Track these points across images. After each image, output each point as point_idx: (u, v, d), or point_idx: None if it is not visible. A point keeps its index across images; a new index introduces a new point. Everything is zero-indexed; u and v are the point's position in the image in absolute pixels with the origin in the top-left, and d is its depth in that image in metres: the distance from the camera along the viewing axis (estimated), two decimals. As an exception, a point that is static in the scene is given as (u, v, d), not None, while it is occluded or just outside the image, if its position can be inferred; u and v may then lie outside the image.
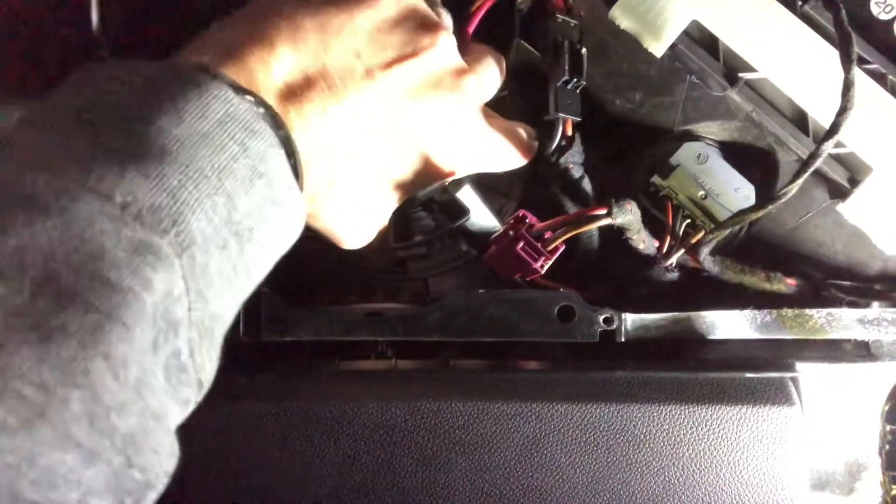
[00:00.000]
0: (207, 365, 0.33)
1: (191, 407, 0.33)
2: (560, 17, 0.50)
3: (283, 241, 0.38)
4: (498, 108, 0.53)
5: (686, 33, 0.52)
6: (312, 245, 0.54)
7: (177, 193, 0.31)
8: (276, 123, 0.37)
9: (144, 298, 0.29)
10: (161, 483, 0.31)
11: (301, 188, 0.38)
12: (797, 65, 0.51)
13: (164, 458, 0.31)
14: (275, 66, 0.38)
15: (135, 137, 0.31)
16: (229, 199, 0.33)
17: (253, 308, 0.47)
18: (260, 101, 0.36)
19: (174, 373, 0.31)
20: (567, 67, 0.50)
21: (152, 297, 0.29)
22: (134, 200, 0.30)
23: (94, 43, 0.48)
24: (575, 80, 0.50)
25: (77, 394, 0.26)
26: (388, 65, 0.42)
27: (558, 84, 0.50)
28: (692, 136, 0.54)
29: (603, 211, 0.47)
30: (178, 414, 0.32)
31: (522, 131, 0.51)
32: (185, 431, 0.44)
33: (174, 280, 0.30)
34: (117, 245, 0.29)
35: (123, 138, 0.31)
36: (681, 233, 0.51)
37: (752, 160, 0.54)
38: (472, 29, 0.50)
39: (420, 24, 0.43)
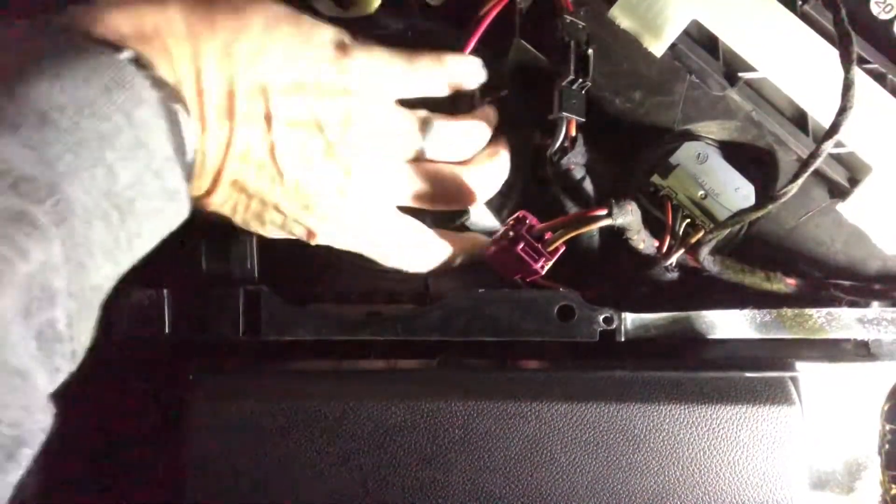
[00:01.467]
0: (84, 336, 0.34)
1: (62, 376, 0.33)
2: (568, 17, 0.50)
3: (167, 215, 0.37)
4: (497, 108, 0.53)
5: (686, 33, 0.52)
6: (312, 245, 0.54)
7: (54, 163, 0.30)
8: (169, 96, 0.36)
9: (18, 266, 0.29)
10: (36, 439, 0.31)
11: (192, 171, 0.38)
12: (797, 64, 0.51)
13: (34, 415, 0.31)
14: (192, 68, 0.38)
15: (13, 103, 0.31)
16: (110, 171, 0.32)
17: (253, 308, 0.47)
18: (157, 77, 0.35)
19: (48, 341, 0.31)
20: (573, 67, 0.50)
21: (28, 265, 0.29)
22: (9, 169, 0.29)
23: None
24: (580, 80, 0.50)
25: None
26: (287, 123, 0.41)
27: (563, 84, 0.50)
28: (692, 136, 0.54)
29: (603, 212, 0.47)
30: (48, 382, 0.32)
31: (445, 246, 0.50)
32: (186, 431, 0.45)
33: (51, 250, 0.30)
34: None
35: (3, 102, 0.31)
36: (681, 232, 0.51)
37: (752, 160, 0.54)
38: (479, 34, 0.50)
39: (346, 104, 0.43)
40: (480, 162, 0.50)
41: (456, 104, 0.50)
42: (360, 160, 0.44)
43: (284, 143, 0.41)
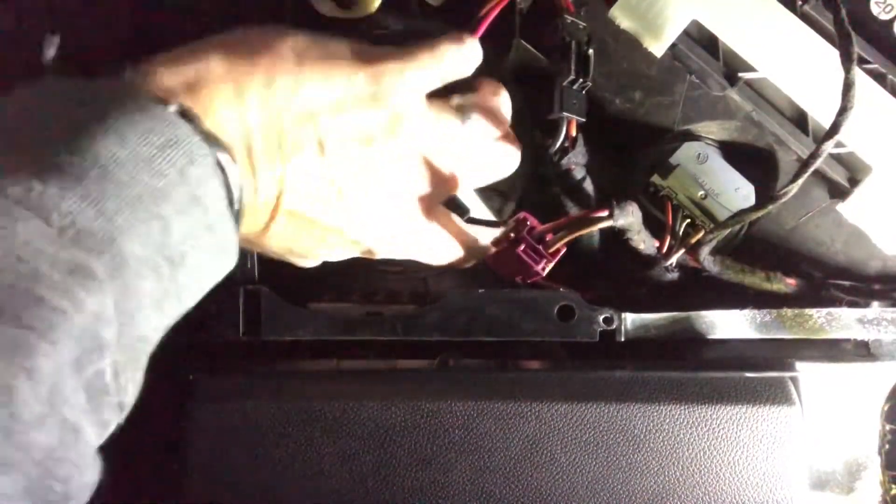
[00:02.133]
0: (130, 387, 0.34)
1: (110, 429, 0.33)
2: (569, 17, 0.50)
3: (216, 267, 0.38)
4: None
5: (686, 33, 0.52)
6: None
7: (113, 217, 0.31)
8: (218, 149, 0.36)
9: (73, 318, 0.29)
10: (83, 495, 0.31)
11: (240, 217, 0.39)
12: (797, 65, 0.51)
13: (84, 472, 0.31)
14: (238, 110, 0.39)
15: (77, 156, 0.31)
16: (165, 225, 0.33)
17: (253, 308, 0.47)
18: (205, 131, 0.36)
19: (96, 394, 0.31)
20: (574, 67, 0.50)
21: (82, 317, 0.29)
22: (72, 223, 0.30)
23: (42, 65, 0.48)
24: (581, 80, 0.50)
25: None
26: (344, 143, 0.42)
27: (564, 84, 0.50)
28: (692, 136, 0.54)
29: (604, 213, 0.47)
30: (97, 436, 0.32)
31: (479, 236, 0.50)
32: (186, 431, 0.45)
33: (104, 302, 0.31)
34: (53, 266, 0.29)
35: (64, 155, 0.31)
36: (681, 233, 0.51)
37: (752, 160, 0.54)
38: (479, 34, 0.50)
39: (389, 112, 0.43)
40: (509, 134, 0.50)
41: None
42: (412, 162, 0.45)
43: (342, 161, 0.42)
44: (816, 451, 0.48)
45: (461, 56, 0.47)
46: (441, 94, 0.47)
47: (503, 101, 0.49)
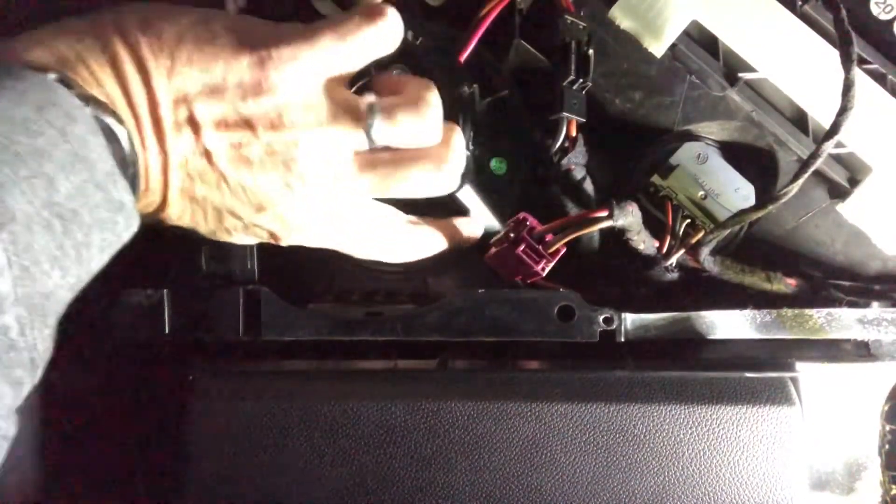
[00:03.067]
0: (39, 343, 0.34)
1: (25, 388, 0.34)
2: (569, 18, 0.50)
3: (116, 226, 0.38)
4: (497, 108, 0.53)
5: (686, 33, 0.52)
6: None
7: None
8: (100, 111, 0.37)
9: None
10: (1, 448, 0.32)
11: (136, 181, 0.39)
12: (797, 65, 0.51)
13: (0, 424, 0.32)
14: (119, 86, 0.39)
15: None
16: (49, 182, 0.34)
17: (253, 308, 0.47)
18: (85, 94, 0.37)
19: (4, 350, 0.32)
20: (574, 67, 0.50)
21: None
22: None
23: None
24: (581, 80, 0.50)
25: None
26: (214, 125, 0.41)
27: (564, 84, 0.50)
28: (692, 136, 0.54)
29: (604, 213, 0.47)
30: (11, 395, 0.33)
31: (424, 233, 0.48)
32: (186, 431, 0.45)
33: None
34: None
35: None
36: (681, 233, 0.51)
37: (752, 160, 0.54)
38: (479, 35, 0.50)
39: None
40: (439, 150, 0.45)
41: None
42: (301, 154, 0.42)
43: (218, 147, 0.41)
44: (816, 451, 0.48)
45: (375, 34, 0.43)
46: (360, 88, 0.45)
47: (429, 111, 0.44)
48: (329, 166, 0.43)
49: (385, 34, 0.43)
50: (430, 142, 0.45)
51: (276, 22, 0.43)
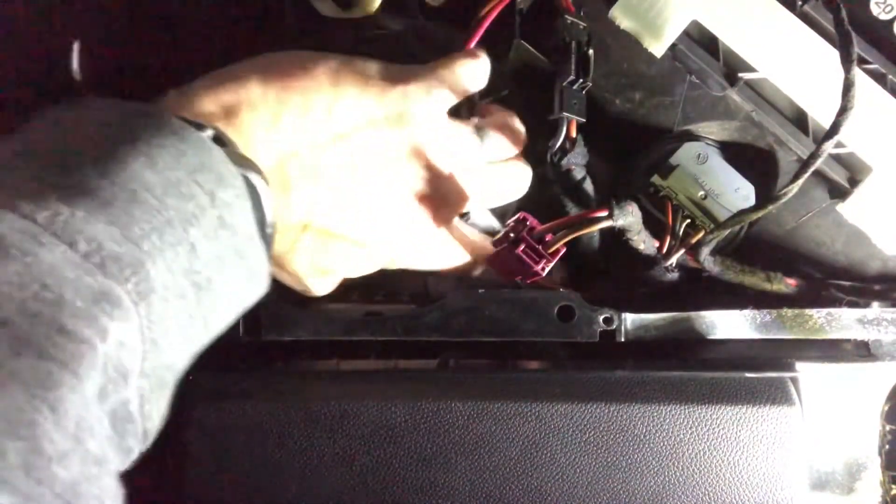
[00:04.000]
0: (155, 414, 0.33)
1: (134, 456, 0.33)
2: (569, 18, 0.50)
3: (245, 292, 0.37)
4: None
5: (686, 33, 0.52)
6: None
7: (140, 242, 0.31)
8: (249, 171, 0.36)
9: (98, 348, 0.28)
10: None
11: (271, 242, 0.39)
12: (797, 65, 0.51)
13: (106, 502, 0.30)
14: (274, 134, 0.39)
15: (106, 181, 0.31)
16: (192, 249, 0.32)
17: (253, 308, 0.47)
18: (238, 154, 0.36)
19: (120, 422, 0.31)
20: (574, 67, 0.50)
21: (107, 346, 0.29)
22: (98, 248, 0.29)
23: (71, 89, 0.47)
24: (581, 80, 0.50)
25: (16, 445, 0.26)
26: (373, 161, 0.43)
27: (564, 84, 0.50)
28: (692, 136, 0.54)
29: (604, 213, 0.47)
30: (120, 462, 0.32)
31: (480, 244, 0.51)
32: (186, 431, 0.44)
33: (129, 330, 0.30)
34: (77, 293, 0.28)
35: (94, 179, 0.31)
36: (681, 233, 0.51)
37: (752, 160, 0.54)
38: (479, 35, 0.50)
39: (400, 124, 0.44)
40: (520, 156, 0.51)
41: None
42: (434, 179, 0.46)
43: (368, 180, 0.43)
44: (816, 451, 0.48)
45: (475, 70, 0.48)
46: (457, 115, 0.48)
47: (517, 125, 0.50)
48: (449, 184, 0.47)
49: (482, 69, 0.48)
50: (518, 149, 0.50)
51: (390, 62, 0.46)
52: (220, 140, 0.36)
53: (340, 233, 0.44)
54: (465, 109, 0.50)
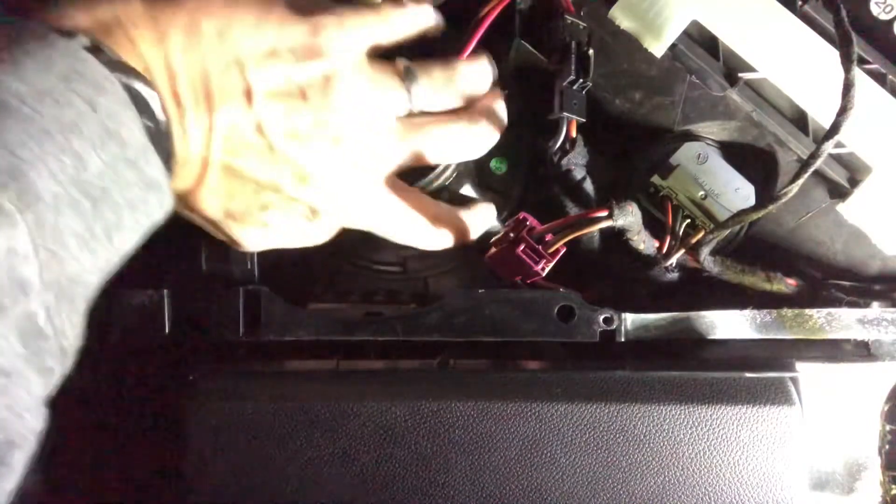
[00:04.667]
0: (69, 330, 0.33)
1: (55, 378, 0.32)
2: (569, 18, 0.50)
3: (147, 205, 0.36)
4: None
5: (686, 33, 0.52)
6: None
7: (16, 150, 0.30)
8: (129, 77, 0.35)
9: None
10: (26, 442, 0.30)
11: (171, 158, 0.37)
12: (797, 65, 0.51)
13: (24, 417, 0.30)
14: (160, 54, 0.37)
15: None
16: (79, 159, 0.32)
17: (253, 308, 0.47)
18: (115, 60, 0.35)
19: (31, 338, 0.30)
20: (574, 67, 0.50)
21: None
22: None
23: None
24: (581, 80, 0.50)
25: None
26: (268, 96, 0.40)
27: (564, 84, 0.50)
28: (692, 136, 0.54)
29: (604, 213, 0.47)
30: (42, 385, 0.31)
31: (452, 216, 0.49)
32: (186, 431, 0.45)
33: (17, 237, 0.30)
34: None
35: None
36: (681, 233, 0.51)
37: (752, 160, 0.54)
38: (479, 35, 0.50)
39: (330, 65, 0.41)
40: (476, 110, 0.47)
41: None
42: (349, 123, 0.43)
43: (269, 116, 0.40)
44: (816, 451, 0.48)
45: (408, 13, 0.45)
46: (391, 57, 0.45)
47: (462, 67, 0.46)
48: (373, 132, 0.44)
49: (415, 12, 0.45)
50: (469, 93, 0.47)
51: None
52: (96, 49, 0.34)
53: (245, 171, 0.41)
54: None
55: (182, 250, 0.49)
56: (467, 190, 0.50)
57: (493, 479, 0.44)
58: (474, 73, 0.47)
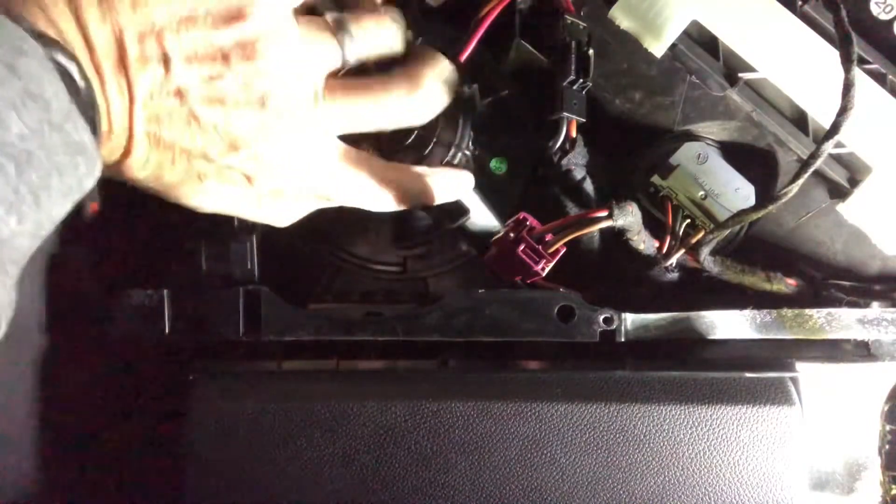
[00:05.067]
0: (1, 293, 0.32)
1: None
2: (569, 18, 0.50)
3: (76, 170, 0.36)
4: (497, 108, 0.53)
5: (686, 33, 0.52)
6: (311, 245, 0.54)
7: None
8: (49, 47, 0.35)
9: None
10: None
11: (97, 125, 0.37)
12: (797, 65, 0.51)
13: None
14: (74, 21, 0.37)
15: None
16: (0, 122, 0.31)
17: (253, 308, 0.47)
18: (32, 28, 0.34)
19: None
20: (574, 67, 0.50)
21: None
22: None
23: None
24: (581, 80, 0.50)
25: None
26: (186, 61, 0.39)
27: (564, 84, 0.50)
28: (692, 136, 0.54)
29: (604, 213, 0.47)
30: None
31: (406, 176, 0.47)
32: (186, 431, 0.45)
33: None
34: None
35: None
36: (681, 233, 0.51)
37: (752, 160, 0.54)
38: (479, 35, 0.50)
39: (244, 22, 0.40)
40: (418, 71, 0.46)
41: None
42: (275, 84, 0.41)
43: (190, 83, 0.40)
44: (816, 451, 0.48)
45: None
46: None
47: (394, 17, 0.45)
48: (304, 91, 0.42)
49: None
50: (398, 49, 0.45)
51: None
52: (10, 16, 0.34)
53: (169, 139, 0.40)
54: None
55: (182, 250, 0.49)
56: (467, 190, 0.50)
57: (493, 479, 0.45)
58: (399, 18, 0.46)
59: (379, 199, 0.46)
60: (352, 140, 0.45)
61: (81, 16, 0.37)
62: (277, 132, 0.42)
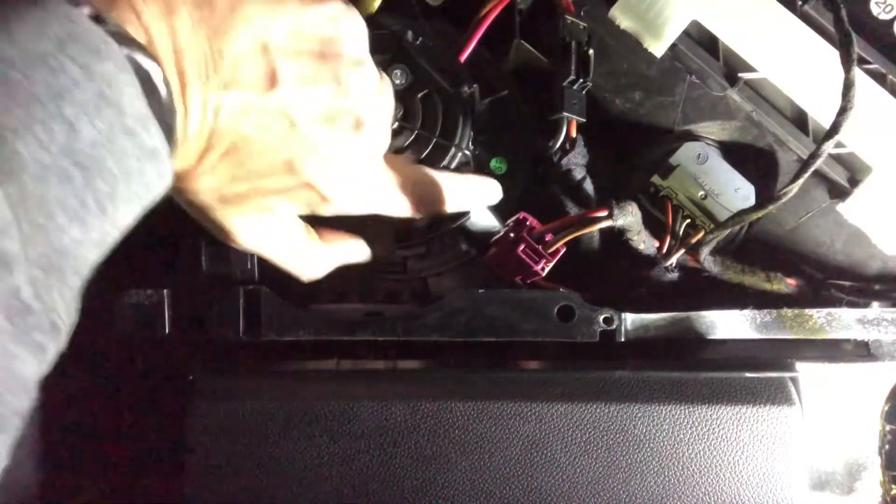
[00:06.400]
0: (60, 305, 0.31)
1: (49, 354, 0.31)
2: (569, 18, 0.50)
3: (146, 177, 0.35)
4: (497, 108, 0.53)
5: (686, 33, 0.52)
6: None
7: (1, 118, 0.29)
8: (132, 49, 0.34)
9: None
10: (9, 424, 0.29)
11: (172, 130, 0.36)
12: (797, 65, 0.51)
13: (6, 397, 0.29)
14: (166, 28, 0.36)
15: None
16: (71, 127, 0.31)
17: (253, 308, 0.47)
18: (115, 29, 0.33)
19: (17, 314, 0.29)
20: (574, 67, 0.50)
21: None
22: None
23: None
24: (581, 80, 0.50)
25: None
26: (298, 80, 0.39)
27: (564, 84, 0.50)
28: (692, 136, 0.54)
29: (604, 213, 0.47)
30: (34, 362, 0.30)
31: (450, 184, 0.49)
32: (186, 431, 0.45)
33: None
34: None
35: None
36: (681, 233, 0.51)
37: (752, 160, 0.54)
38: (479, 35, 0.50)
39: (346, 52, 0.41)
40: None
41: None
42: (371, 110, 0.42)
43: (299, 100, 0.40)
44: (816, 451, 0.48)
45: None
46: None
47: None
48: (386, 119, 0.44)
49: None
50: None
51: None
52: (97, 18, 0.33)
53: (266, 158, 0.40)
54: None
55: (182, 250, 0.49)
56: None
57: (493, 479, 0.44)
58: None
59: (430, 207, 0.48)
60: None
61: (174, 20, 0.36)
62: (363, 154, 0.43)
